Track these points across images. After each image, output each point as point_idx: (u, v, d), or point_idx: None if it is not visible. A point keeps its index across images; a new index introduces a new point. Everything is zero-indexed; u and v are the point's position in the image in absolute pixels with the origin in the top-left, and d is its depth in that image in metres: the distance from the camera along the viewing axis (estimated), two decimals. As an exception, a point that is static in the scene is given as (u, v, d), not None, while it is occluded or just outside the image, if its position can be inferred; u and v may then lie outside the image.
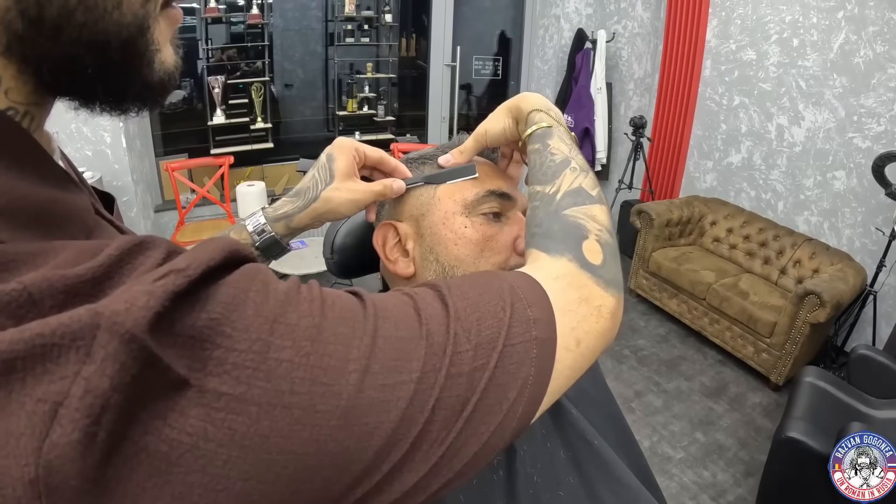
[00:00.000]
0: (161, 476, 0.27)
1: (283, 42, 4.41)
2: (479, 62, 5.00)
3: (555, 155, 0.61)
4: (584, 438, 0.74)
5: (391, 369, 0.36)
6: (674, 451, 2.75)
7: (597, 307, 0.49)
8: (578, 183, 0.58)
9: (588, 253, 0.52)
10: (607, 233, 0.55)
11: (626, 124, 4.58)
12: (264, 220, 0.69)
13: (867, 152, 3.19)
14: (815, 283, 2.93)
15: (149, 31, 0.36)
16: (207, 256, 0.32)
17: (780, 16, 3.55)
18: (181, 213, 3.76)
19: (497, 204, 0.70)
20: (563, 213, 0.55)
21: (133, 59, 0.36)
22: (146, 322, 0.27)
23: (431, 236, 0.69)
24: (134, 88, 0.38)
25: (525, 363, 0.42)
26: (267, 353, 0.31)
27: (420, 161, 0.76)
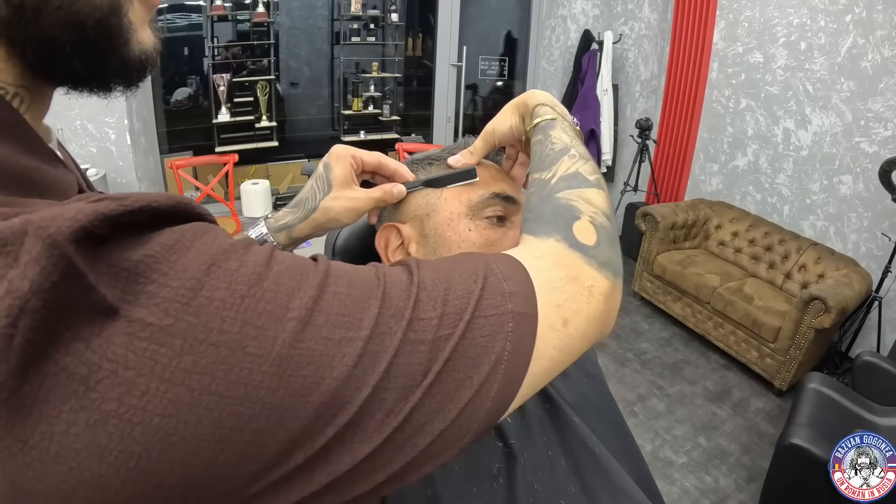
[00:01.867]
0: (77, 400, 0.27)
1: (289, 40, 4.41)
2: (485, 62, 5.00)
3: (555, 144, 0.60)
4: (585, 446, 0.73)
5: (337, 324, 0.34)
6: (676, 456, 2.74)
7: (587, 287, 0.47)
8: (576, 168, 0.57)
9: (579, 233, 0.50)
10: (603, 216, 0.53)
11: (631, 126, 4.56)
12: (266, 229, 0.70)
13: (874, 157, 3.17)
14: (820, 288, 2.91)
15: (122, 12, 0.38)
16: (152, 196, 0.32)
17: (787, 18, 3.53)
18: (185, 210, 3.76)
19: (501, 207, 0.69)
20: (555, 195, 0.54)
21: (109, 38, 0.38)
22: (69, 231, 0.27)
23: (435, 238, 0.68)
24: (112, 66, 0.40)
25: (499, 337, 0.39)
26: (200, 290, 0.31)
27: (426, 162, 0.75)
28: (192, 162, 3.81)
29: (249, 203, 3.99)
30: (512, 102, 0.69)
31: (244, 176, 4.19)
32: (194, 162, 3.83)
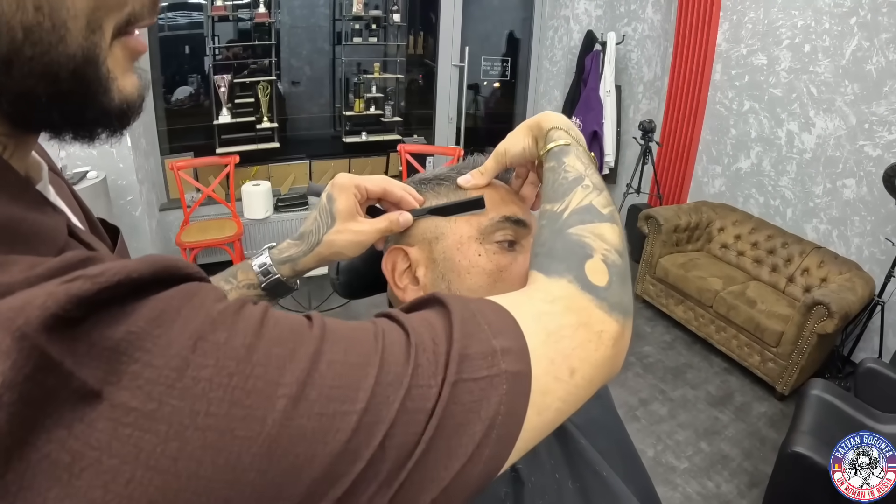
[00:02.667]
0: (62, 488, 0.26)
1: (291, 39, 4.39)
2: (487, 63, 4.98)
3: (568, 172, 0.58)
4: (593, 469, 0.72)
5: (332, 397, 0.33)
6: (678, 462, 2.73)
7: (597, 332, 0.45)
8: (589, 200, 0.55)
9: (591, 273, 0.48)
10: (616, 253, 0.52)
11: (634, 127, 4.55)
12: (270, 261, 0.69)
13: (878, 161, 3.15)
14: (823, 293, 2.90)
15: (99, 61, 0.36)
16: (130, 267, 0.30)
17: (791, 20, 3.51)
18: (186, 212, 3.75)
19: (512, 231, 0.67)
20: (567, 231, 0.52)
21: (86, 88, 0.36)
22: (39, 322, 0.26)
23: (445, 262, 0.67)
24: (92, 116, 0.38)
25: (492, 400, 0.38)
26: (185, 369, 0.30)
27: (435, 182, 0.73)
28: (192, 163, 3.81)
29: (251, 204, 3.99)
30: (525, 123, 0.68)
31: (245, 177, 4.18)
32: (195, 163, 3.83)
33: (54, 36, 0.33)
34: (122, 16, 0.37)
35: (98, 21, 0.35)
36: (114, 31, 0.37)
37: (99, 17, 0.35)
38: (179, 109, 4.11)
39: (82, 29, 0.34)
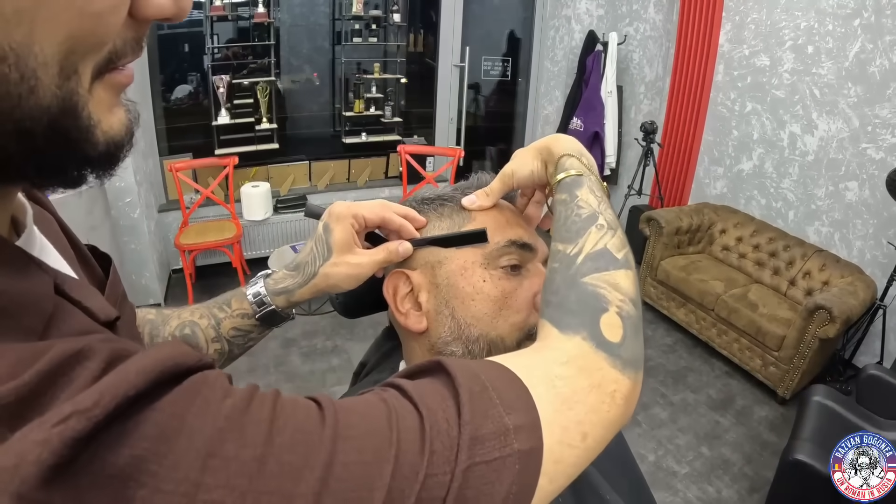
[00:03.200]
0: None
1: (290, 38, 4.37)
2: (488, 63, 4.95)
3: (581, 209, 0.56)
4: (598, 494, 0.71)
5: (349, 500, 0.32)
6: (679, 466, 2.72)
7: (610, 393, 0.45)
8: (603, 244, 0.53)
9: (606, 329, 0.47)
10: (630, 303, 0.50)
11: (636, 128, 4.52)
12: (265, 291, 0.68)
13: (881, 164, 3.13)
14: (825, 297, 2.88)
15: (78, 109, 0.33)
16: (125, 387, 0.29)
17: (794, 22, 3.48)
18: (185, 213, 3.74)
19: (517, 256, 0.66)
20: (581, 280, 0.51)
21: (65, 140, 0.33)
22: (36, 479, 0.25)
23: (448, 288, 0.65)
24: (75, 166, 0.35)
25: (503, 480, 0.37)
26: (195, 495, 0.29)
27: (438, 202, 0.72)
28: (191, 164, 3.79)
29: (250, 206, 3.97)
30: (534, 146, 0.66)
31: (244, 178, 4.16)
32: (194, 164, 3.81)
33: (23, 88, 0.29)
34: (102, 56, 0.33)
35: (73, 66, 0.31)
36: (94, 72, 0.33)
37: (74, 62, 0.31)
38: (178, 108, 4.09)
39: (55, 77, 0.30)
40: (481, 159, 5.74)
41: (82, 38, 0.31)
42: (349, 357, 3.35)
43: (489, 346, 0.64)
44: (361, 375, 0.89)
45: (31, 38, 0.28)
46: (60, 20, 0.29)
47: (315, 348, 3.41)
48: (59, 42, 0.29)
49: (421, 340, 0.68)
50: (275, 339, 3.48)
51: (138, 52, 0.36)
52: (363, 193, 4.60)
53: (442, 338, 0.66)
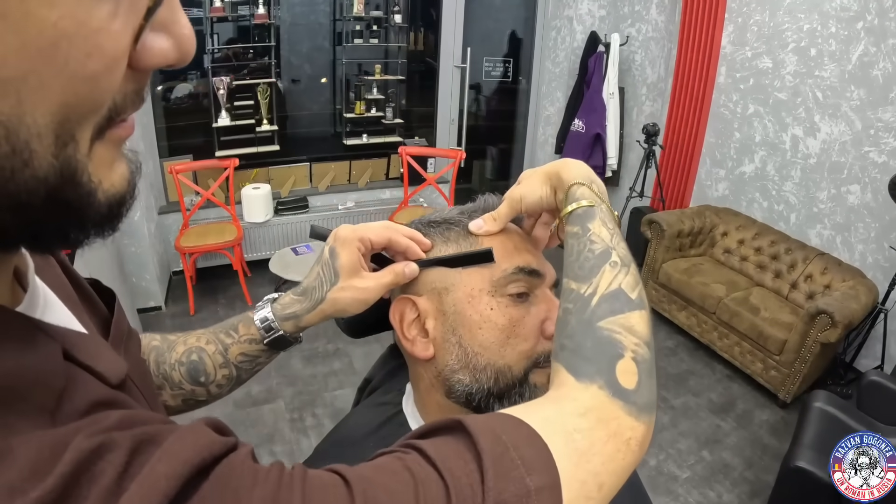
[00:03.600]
0: None
1: (290, 37, 4.35)
2: (489, 64, 4.94)
3: (594, 244, 0.56)
4: None
5: None
6: (680, 471, 2.72)
7: (625, 441, 0.45)
8: (618, 283, 0.53)
9: (622, 376, 0.47)
10: (645, 347, 0.51)
11: (637, 130, 4.51)
12: (273, 316, 0.68)
13: (883, 167, 3.13)
14: (827, 302, 2.88)
15: (77, 175, 0.31)
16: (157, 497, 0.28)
17: (797, 24, 3.47)
18: (185, 215, 3.73)
19: (525, 283, 0.65)
20: (597, 324, 0.50)
21: (65, 209, 0.31)
22: None
23: (455, 315, 0.65)
24: (76, 231, 0.34)
25: None
26: None
27: (445, 226, 0.71)
28: (192, 166, 3.79)
29: (251, 208, 3.97)
30: (544, 171, 0.65)
31: (245, 180, 4.15)
32: (194, 166, 3.80)
33: (16, 161, 0.28)
34: (102, 115, 0.31)
35: (70, 133, 0.29)
36: (93, 134, 0.31)
37: (70, 129, 0.29)
38: (178, 108, 4.09)
39: (50, 146, 0.28)
40: (482, 159, 5.73)
41: (78, 104, 0.29)
42: (350, 361, 3.35)
43: (497, 374, 0.64)
44: (366, 392, 0.89)
45: (22, 109, 0.27)
46: (52, 88, 0.27)
47: (317, 352, 3.41)
48: (52, 111, 0.28)
49: (427, 367, 0.68)
50: (276, 342, 3.47)
51: (140, 104, 0.35)
52: (364, 195, 4.59)
53: (449, 366, 0.65)
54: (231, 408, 2.92)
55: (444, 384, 0.66)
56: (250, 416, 2.89)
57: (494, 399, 0.64)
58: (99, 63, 0.28)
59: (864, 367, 3.27)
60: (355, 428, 0.74)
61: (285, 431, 2.81)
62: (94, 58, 0.28)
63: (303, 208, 4.28)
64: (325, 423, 2.84)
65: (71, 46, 0.27)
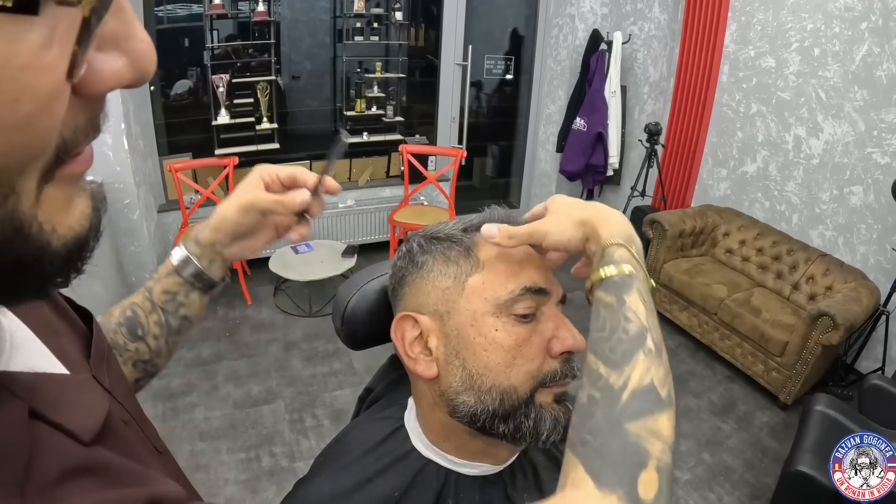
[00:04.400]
0: None
1: (291, 33, 4.33)
2: (490, 61, 4.91)
3: (630, 322, 0.51)
4: None
5: None
6: (680, 473, 2.72)
7: None
8: (650, 378, 0.49)
9: (643, 486, 0.45)
10: (668, 451, 0.48)
11: (639, 128, 4.50)
12: (182, 244, 0.72)
13: (886, 169, 3.11)
14: (828, 304, 2.87)
15: (24, 229, 0.27)
16: None
17: (801, 23, 3.45)
18: (185, 214, 3.72)
19: (532, 302, 0.63)
20: (625, 426, 0.47)
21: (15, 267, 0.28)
22: None
23: (458, 339, 0.63)
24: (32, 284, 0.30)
25: None
26: None
27: (447, 244, 0.68)
28: (191, 165, 3.77)
29: (250, 206, 3.94)
30: (580, 215, 0.59)
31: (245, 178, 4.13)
32: (194, 164, 3.79)
33: None
34: (48, 157, 0.27)
35: (8, 185, 0.25)
36: (40, 177, 0.27)
37: (8, 180, 0.25)
38: (178, 105, 4.06)
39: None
40: (483, 157, 5.72)
41: (11, 155, 0.24)
42: (350, 361, 3.34)
43: (502, 395, 0.62)
44: (367, 402, 0.88)
45: None
46: None
47: (316, 352, 3.40)
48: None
49: (431, 385, 0.67)
50: (276, 342, 3.47)
51: (96, 133, 0.30)
52: (364, 193, 4.58)
53: (453, 387, 0.64)
54: (230, 408, 2.91)
55: (447, 403, 0.65)
56: (250, 417, 2.88)
57: (499, 420, 0.63)
58: (31, 105, 0.23)
59: (865, 370, 3.27)
60: (356, 442, 0.73)
61: (285, 432, 2.80)
62: (25, 101, 0.23)
63: (302, 207, 4.25)
64: (324, 424, 2.83)
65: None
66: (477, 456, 0.69)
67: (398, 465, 0.67)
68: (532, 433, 0.63)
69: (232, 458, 2.63)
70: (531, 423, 0.63)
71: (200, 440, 2.71)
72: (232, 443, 2.72)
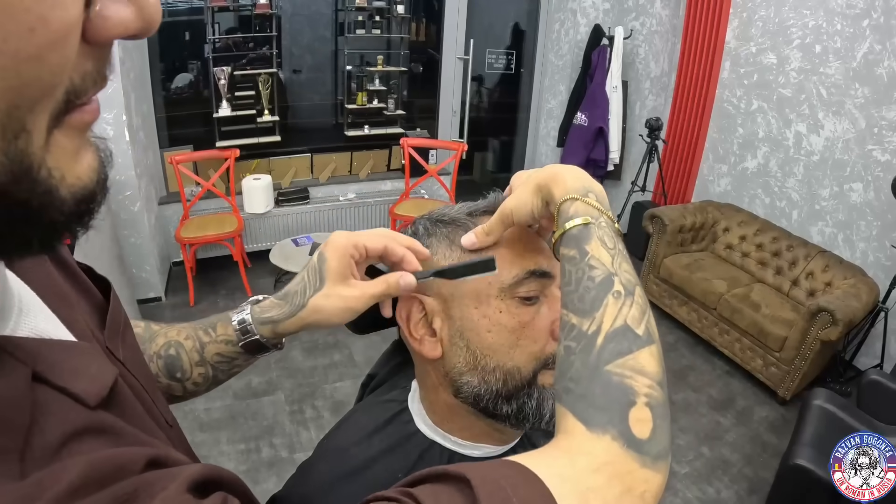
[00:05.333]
0: None
1: (292, 27, 4.33)
2: (492, 56, 4.90)
3: (594, 269, 0.50)
4: None
5: None
6: (679, 467, 2.73)
7: (640, 494, 0.42)
8: (623, 319, 0.48)
9: (636, 424, 0.44)
10: (658, 387, 0.46)
11: (640, 123, 4.50)
12: (250, 319, 0.65)
13: (886, 166, 3.12)
14: (828, 300, 2.88)
15: (32, 172, 0.27)
16: None
17: (803, 20, 3.45)
18: (185, 206, 3.72)
19: (537, 286, 0.63)
20: (604, 369, 0.46)
21: (23, 212, 0.28)
22: None
23: (462, 320, 0.63)
24: (39, 234, 0.30)
25: None
26: None
27: (452, 227, 0.68)
28: (192, 157, 3.77)
29: (251, 199, 3.96)
30: (534, 181, 0.58)
31: (246, 171, 4.14)
32: (195, 157, 3.79)
33: None
34: (58, 99, 0.27)
35: (19, 123, 0.25)
36: (49, 121, 0.27)
37: (19, 118, 0.25)
38: (179, 98, 4.06)
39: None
40: (484, 151, 5.72)
41: (23, 89, 0.25)
42: (351, 353, 3.35)
43: (506, 376, 0.63)
44: (370, 388, 0.88)
45: None
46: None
47: (317, 343, 3.41)
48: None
49: (435, 366, 0.67)
50: (276, 333, 3.47)
51: (103, 84, 0.30)
52: (365, 186, 4.58)
53: (457, 368, 0.64)
54: (231, 399, 2.92)
55: (451, 384, 0.66)
56: (250, 408, 2.89)
57: (503, 400, 0.63)
58: (44, 38, 0.24)
59: (863, 366, 3.28)
60: (359, 425, 0.73)
61: (285, 423, 2.81)
62: (39, 32, 0.24)
63: (303, 199, 4.26)
64: (324, 416, 2.84)
65: (9, 20, 0.23)
66: (480, 437, 0.69)
67: (402, 447, 0.67)
68: (535, 414, 0.63)
69: (232, 449, 2.63)
70: (534, 403, 0.63)
71: (200, 431, 2.71)
72: (232, 433, 2.73)
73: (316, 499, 0.63)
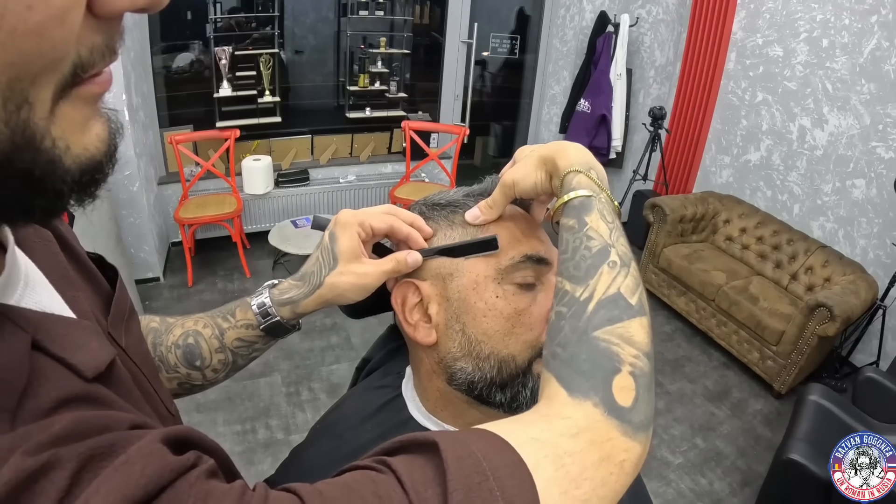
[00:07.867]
0: None
1: (295, 7, 4.27)
2: (496, 40, 4.86)
3: (592, 240, 0.51)
4: None
5: None
6: (673, 457, 2.75)
7: (618, 463, 0.42)
8: (616, 287, 0.49)
9: (619, 392, 0.44)
10: (644, 358, 0.47)
11: (643, 112, 4.47)
12: (270, 301, 0.66)
13: (889, 163, 3.11)
14: (826, 295, 2.88)
15: (36, 141, 0.27)
16: None
17: (810, 13, 3.42)
18: (185, 186, 3.70)
19: (533, 272, 0.63)
20: (593, 334, 0.46)
21: (25, 180, 0.28)
22: None
23: (459, 302, 0.63)
24: (44, 202, 0.30)
25: None
26: None
27: (450, 209, 0.68)
28: (192, 137, 3.74)
29: (251, 180, 3.93)
30: (539, 154, 0.60)
31: (246, 151, 4.11)
32: (194, 137, 3.76)
33: None
34: (64, 72, 0.27)
35: (22, 95, 0.26)
36: (55, 93, 0.28)
37: (22, 90, 0.26)
38: (179, 77, 4.02)
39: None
40: (485, 136, 5.69)
41: (24, 64, 0.25)
42: (348, 335, 3.35)
43: (500, 363, 0.62)
44: (365, 372, 0.88)
45: None
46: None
47: (314, 326, 3.41)
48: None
49: (429, 352, 0.67)
50: (274, 316, 3.47)
51: (113, 57, 0.30)
52: (366, 168, 4.56)
53: (451, 353, 0.64)
54: (227, 381, 2.92)
55: (445, 371, 0.65)
56: (247, 390, 2.89)
57: (497, 388, 0.63)
58: (43, 14, 0.24)
59: (859, 363, 3.30)
60: (353, 410, 0.74)
61: (281, 405, 2.82)
62: (37, 9, 0.24)
63: (303, 181, 4.24)
64: (321, 398, 2.85)
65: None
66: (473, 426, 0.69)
67: (395, 434, 0.68)
68: (529, 403, 0.62)
69: (228, 430, 2.64)
70: (528, 392, 0.63)
71: (197, 412, 2.72)
72: (228, 415, 2.73)
73: None
